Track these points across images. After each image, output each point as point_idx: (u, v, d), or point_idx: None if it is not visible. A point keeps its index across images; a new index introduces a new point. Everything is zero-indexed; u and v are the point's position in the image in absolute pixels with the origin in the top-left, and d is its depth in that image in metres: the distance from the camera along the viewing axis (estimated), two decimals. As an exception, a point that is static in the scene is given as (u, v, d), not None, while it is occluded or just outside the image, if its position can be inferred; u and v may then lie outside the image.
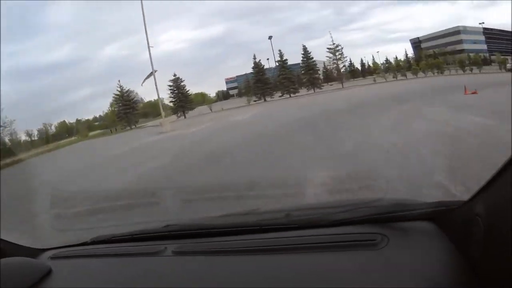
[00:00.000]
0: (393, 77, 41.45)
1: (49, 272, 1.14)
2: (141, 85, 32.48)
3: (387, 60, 45.22)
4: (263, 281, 0.91)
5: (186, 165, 7.90)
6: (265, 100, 37.11)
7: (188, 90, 35.91)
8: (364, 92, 28.14)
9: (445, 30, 44.22)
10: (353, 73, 45.18)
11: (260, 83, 37.60)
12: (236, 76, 42.56)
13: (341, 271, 0.89)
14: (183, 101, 35.37)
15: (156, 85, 28.77)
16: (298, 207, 1.52)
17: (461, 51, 42.72)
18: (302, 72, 39.31)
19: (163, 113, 28.68)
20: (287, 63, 38.56)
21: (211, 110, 35.45)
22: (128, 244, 1.30)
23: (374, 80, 40.75)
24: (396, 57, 44.49)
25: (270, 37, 39.14)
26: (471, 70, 39.01)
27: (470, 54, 41.51)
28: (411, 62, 43.99)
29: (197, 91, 42.03)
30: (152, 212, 4.28)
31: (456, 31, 43.95)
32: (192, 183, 5.79)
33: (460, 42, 43.53)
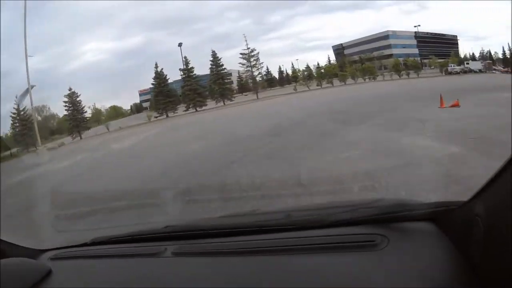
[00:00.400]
0: (318, 85, 37.90)
1: (49, 273, 1.14)
2: (17, 104, 27.44)
3: (307, 67, 42.54)
4: (263, 282, 0.91)
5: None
6: (167, 116, 32.47)
7: (83, 107, 30.90)
8: (281, 104, 23.28)
9: (373, 35, 43.59)
10: (270, 81, 42.34)
11: (162, 96, 32.85)
12: (150, 88, 38.12)
13: (341, 272, 0.89)
14: (78, 119, 30.21)
15: (32, 103, 24.80)
16: (298, 208, 1.52)
17: (390, 56, 41.92)
18: (211, 82, 34.78)
19: (38, 138, 23.51)
20: (193, 71, 33.94)
21: (108, 129, 30.52)
22: (128, 245, 1.30)
23: (295, 89, 36.73)
24: (318, 64, 41.94)
25: (180, 44, 35.17)
26: (408, 74, 37.55)
27: (400, 58, 40.71)
28: (335, 68, 41.52)
29: (113, 105, 39.51)
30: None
31: (385, 36, 43.35)
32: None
33: (388, 46, 42.93)
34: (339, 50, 46.20)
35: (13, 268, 1.12)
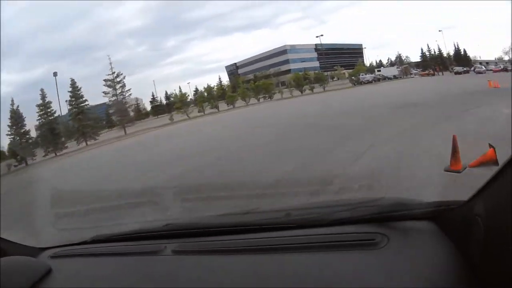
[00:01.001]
0: (199, 111, 32.13)
1: (49, 271, 1.14)
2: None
3: (196, 90, 37.94)
4: (263, 281, 0.91)
5: None
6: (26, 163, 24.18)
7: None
8: (145, 144, 17.01)
9: (270, 51, 41.94)
10: (157, 109, 38.48)
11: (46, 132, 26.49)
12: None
13: (341, 270, 0.89)
14: None
15: None
16: (298, 207, 1.52)
17: (288, 71, 40.11)
18: (71, 118, 28.30)
19: None
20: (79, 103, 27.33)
21: None
22: (128, 243, 1.31)
23: (171, 119, 30.59)
24: (208, 85, 37.57)
25: (55, 74, 29.36)
26: (312, 89, 34.52)
27: (301, 72, 38.29)
28: (226, 89, 37.70)
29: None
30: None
31: (282, 51, 42.03)
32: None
33: (286, 62, 41.61)
34: (232, 70, 44.10)
35: (13, 266, 1.12)
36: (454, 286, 0.78)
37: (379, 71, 39.13)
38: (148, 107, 42.48)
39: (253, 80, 38.24)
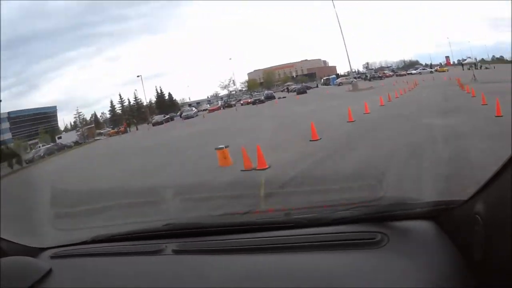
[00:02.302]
0: None
1: (49, 271, 1.14)
2: None
3: None
4: (263, 280, 0.91)
5: None
6: None
7: None
8: None
9: None
10: None
11: None
12: None
13: (341, 269, 0.89)
14: None
15: None
16: (298, 206, 1.52)
17: None
18: None
19: None
20: None
21: None
22: (128, 243, 1.31)
23: None
24: None
25: None
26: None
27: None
28: None
29: None
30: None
31: None
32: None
33: None
34: None
35: (14, 266, 1.12)
36: (454, 285, 0.78)
37: (60, 138, 31.09)
38: None
39: None
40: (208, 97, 46.22)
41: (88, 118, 38.55)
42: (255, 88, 48.26)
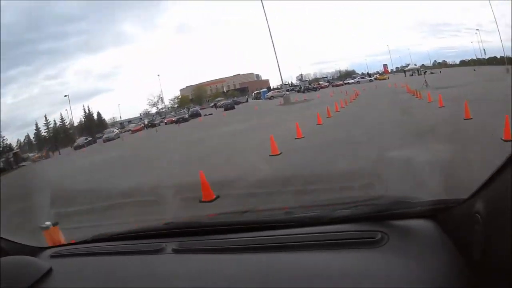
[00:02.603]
0: None
1: (49, 271, 1.15)
2: None
3: None
4: (263, 279, 0.92)
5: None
6: None
7: None
8: None
9: None
10: None
11: None
12: None
13: (341, 268, 0.89)
14: None
15: None
16: (297, 205, 1.52)
17: None
18: None
19: None
20: None
21: None
22: (128, 242, 1.31)
23: None
24: None
25: None
26: None
27: None
28: None
29: None
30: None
31: None
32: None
33: None
34: None
35: (14, 265, 1.12)
36: (453, 284, 0.78)
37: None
38: None
39: None
40: (140, 114, 47.00)
41: (20, 140, 36.98)
42: (186, 104, 48.21)
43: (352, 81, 47.72)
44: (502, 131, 5.12)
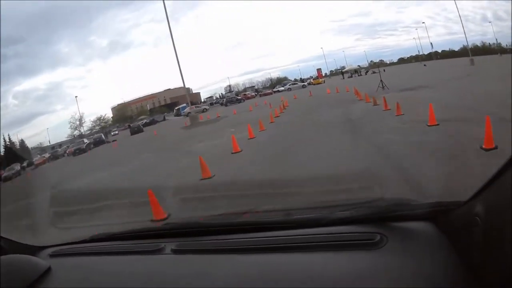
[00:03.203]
0: None
1: (48, 270, 1.15)
2: None
3: None
4: (262, 280, 0.91)
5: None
6: None
7: None
8: None
9: None
10: None
11: None
12: None
13: (340, 270, 0.89)
14: None
15: None
16: (297, 206, 1.52)
17: None
18: None
19: None
20: None
21: None
22: (128, 242, 1.31)
23: None
24: None
25: None
26: None
27: None
28: None
29: None
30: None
31: None
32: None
33: None
34: None
35: (13, 264, 1.12)
36: (453, 286, 0.78)
37: None
38: None
39: None
40: (67, 136, 45.29)
41: None
42: (114, 123, 47.77)
43: (282, 88, 43.70)
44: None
